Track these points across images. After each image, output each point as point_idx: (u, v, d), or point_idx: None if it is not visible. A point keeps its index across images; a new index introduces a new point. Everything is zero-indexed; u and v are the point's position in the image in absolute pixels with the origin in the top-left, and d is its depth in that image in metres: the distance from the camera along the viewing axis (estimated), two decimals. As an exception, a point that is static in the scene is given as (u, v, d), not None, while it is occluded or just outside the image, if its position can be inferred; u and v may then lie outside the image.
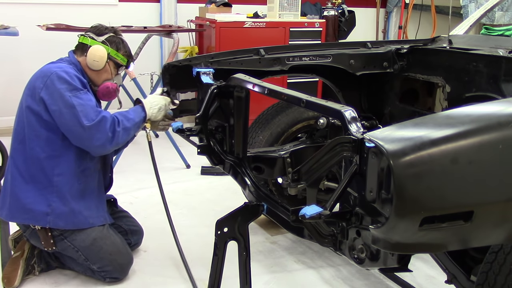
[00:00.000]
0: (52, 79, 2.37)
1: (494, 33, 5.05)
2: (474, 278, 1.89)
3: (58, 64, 2.48)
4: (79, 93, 2.38)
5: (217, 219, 2.05)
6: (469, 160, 1.33)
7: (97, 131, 2.36)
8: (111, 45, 2.58)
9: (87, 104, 2.37)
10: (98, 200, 2.58)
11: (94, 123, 2.35)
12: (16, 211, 2.44)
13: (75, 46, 2.61)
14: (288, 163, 2.41)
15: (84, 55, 2.54)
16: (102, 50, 2.53)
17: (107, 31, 2.61)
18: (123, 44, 2.64)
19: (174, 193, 3.71)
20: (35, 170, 2.41)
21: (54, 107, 2.36)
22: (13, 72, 4.98)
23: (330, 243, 1.69)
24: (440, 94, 2.78)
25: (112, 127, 2.39)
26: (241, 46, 2.92)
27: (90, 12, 5.15)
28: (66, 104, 2.34)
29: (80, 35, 2.62)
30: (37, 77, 2.44)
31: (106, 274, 2.53)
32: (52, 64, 2.49)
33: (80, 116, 2.33)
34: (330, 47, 2.85)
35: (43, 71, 2.44)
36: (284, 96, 1.88)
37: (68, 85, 2.37)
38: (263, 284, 2.59)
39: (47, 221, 2.41)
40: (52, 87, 2.36)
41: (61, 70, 2.40)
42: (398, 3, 6.75)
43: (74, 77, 2.41)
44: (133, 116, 2.49)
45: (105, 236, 2.53)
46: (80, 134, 2.36)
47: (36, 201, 2.40)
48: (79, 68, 2.54)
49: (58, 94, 2.35)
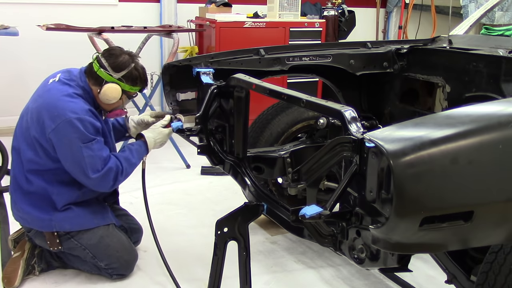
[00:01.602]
0: (65, 125, 2.27)
1: (494, 33, 5.05)
2: (474, 278, 1.89)
3: (74, 105, 2.30)
4: (91, 144, 2.31)
5: (217, 219, 2.05)
6: (469, 160, 1.33)
7: (101, 180, 2.36)
8: (127, 82, 2.44)
9: (96, 155, 2.32)
10: (101, 205, 2.63)
11: (99, 175, 2.34)
12: (24, 218, 2.49)
13: (88, 70, 2.45)
14: (288, 163, 2.41)
15: (98, 90, 2.42)
16: (117, 91, 2.42)
17: (124, 67, 2.41)
18: (140, 78, 2.49)
19: (174, 193, 3.71)
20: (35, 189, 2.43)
21: (62, 151, 2.33)
22: (13, 72, 4.98)
23: (330, 243, 1.69)
24: (440, 94, 2.78)
25: (115, 177, 2.39)
26: (241, 46, 2.92)
27: (90, 12, 5.16)
28: (75, 154, 2.30)
29: (96, 60, 2.43)
30: (49, 112, 2.30)
31: (113, 271, 2.55)
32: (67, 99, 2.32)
33: (87, 168, 2.31)
34: (330, 47, 2.85)
35: (57, 109, 2.29)
36: (284, 96, 1.88)
37: (81, 135, 2.28)
38: (263, 284, 2.59)
39: (52, 226, 2.45)
40: (63, 133, 2.28)
41: (76, 118, 2.27)
42: (398, 3, 6.75)
43: (89, 125, 2.30)
44: (135, 160, 2.47)
45: (111, 233, 2.55)
46: (82, 181, 2.38)
47: (38, 209, 2.44)
48: (91, 96, 2.44)
49: (68, 142, 2.29)
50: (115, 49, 2.50)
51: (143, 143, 2.50)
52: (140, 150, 2.49)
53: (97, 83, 2.42)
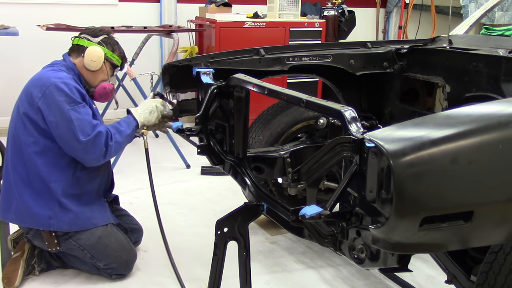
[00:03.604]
0: (51, 90, 2.36)
1: (494, 33, 5.05)
2: (474, 278, 1.89)
3: (58, 74, 2.44)
4: (78, 107, 2.38)
5: (217, 219, 2.04)
6: (469, 160, 1.33)
7: (92, 145, 2.40)
8: (107, 46, 2.60)
9: (84, 119, 2.38)
10: (99, 202, 2.61)
11: (89, 138, 2.38)
12: (23, 215, 2.47)
13: (70, 49, 2.62)
14: (288, 163, 2.41)
15: (81, 56, 2.55)
16: (99, 51, 2.56)
17: (101, 33, 2.63)
18: (117, 46, 2.67)
19: (174, 193, 3.72)
20: (33, 176, 2.42)
21: (51, 118, 2.37)
22: (13, 72, 4.97)
23: (330, 243, 1.69)
24: (440, 94, 2.78)
25: (106, 142, 2.43)
26: (241, 46, 2.92)
27: (90, 12, 5.16)
28: (64, 117, 2.35)
29: (74, 37, 2.63)
30: (35, 85, 2.42)
31: (112, 271, 2.55)
32: (50, 72, 2.46)
33: (77, 130, 2.35)
34: (330, 47, 2.85)
35: (42, 80, 2.42)
36: (284, 96, 1.88)
37: (67, 98, 2.37)
38: (263, 284, 2.59)
39: (51, 224, 2.44)
40: (51, 98, 2.36)
41: (60, 81, 2.39)
42: (398, 3, 6.75)
43: (74, 89, 2.40)
44: (124, 128, 2.53)
45: (109, 233, 2.55)
46: (75, 148, 2.39)
47: (38, 205, 2.42)
48: (76, 72, 2.55)
49: (56, 106, 2.36)
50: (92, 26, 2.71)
51: (129, 115, 2.60)
52: (127, 120, 2.57)
53: (79, 53, 2.57)
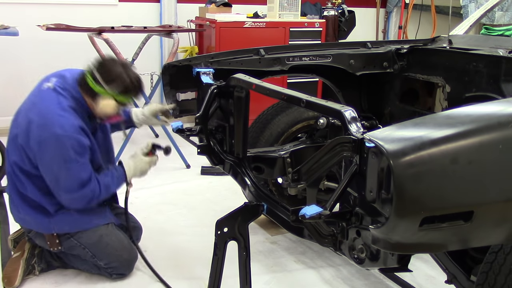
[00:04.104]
0: (50, 140, 2.27)
1: (494, 33, 5.05)
2: (474, 278, 1.89)
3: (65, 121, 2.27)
4: (71, 164, 2.30)
5: (217, 219, 2.05)
6: (469, 160, 1.33)
7: (71, 202, 2.41)
8: (120, 93, 2.37)
9: (73, 177, 2.32)
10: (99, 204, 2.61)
11: (71, 197, 2.37)
12: (25, 219, 2.50)
13: (81, 81, 2.38)
14: (288, 163, 2.41)
15: (93, 103, 2.39)
16: (113, 106, 2.38)
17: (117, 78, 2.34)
18: (134, 88, 2.41)
19: (174, 193, 3.71)
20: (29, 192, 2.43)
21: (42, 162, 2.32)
22: (13, 72, 4.98)
23: (330, 243, 1.69)
24: (440, 94, 2.78)
25: (88, 201, 2.42)
26: (241, 46, 2.92)
27: (90, 12, 5.16)
28: (54, 170, 2.33)
29: (88, 72, 2.36)
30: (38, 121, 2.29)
31: (112, 270, 2.55)
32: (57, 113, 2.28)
33: (61, 187, 2.35)
34: (330, 47, 2.85)
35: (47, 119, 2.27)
36: (284, 96, 1.88)
37: (63, 153, 2.28)
38: (263, 284, 2.59)
39: (52, 228, 2.46)
40: (47, 146, 2.28)
41: (63, 135, 2.26)
42: (398, 3, 6.75)
43: (75, 143, 2.29)
44: (114, 187, 2.55)
45: (110, 232, 2.56)
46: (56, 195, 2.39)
47: (37, 212, 2.44)
48: (85, 107, 2.40)
49: (50, 157, 2.30)
50: (108, 61, 2.43)
51: (122, 172, 2.56)
52: (120, 178, 2.56)
53: (91, 96, 2.38)
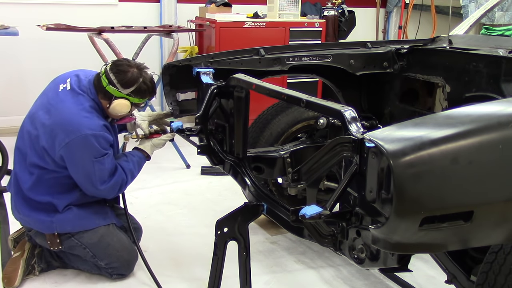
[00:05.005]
0: (80, 140, 2.29)
1: (494, 33, 5.05)
2: (474, 278, 1.89)
3: (90, 122, 2.32)
4: (102, 158, 2.35)
5: (217, 219, 2.05)
6: (469, 160, 1.33)
7: (109, 191, 2.45)
8: (136, 96, 2.43)
9: (105, 169, 2.38)
10: (101, 204, 2.63)
11: (107, 186, 2.41)
12: (26, 218, 2.50)
13: (97, 83, 2.42)
14: (288, 163, 2.41)
15: (107, 104, 2.42)
16: (127, 106, 2.42)
17: (134, 81, 2.40)
18: (148, 90, 2.47)
19: (174, 193, 3.72)
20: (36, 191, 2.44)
21: (72, 164, 2.36)
22: (13, 72, 4.98)
23: (330, 243, 1.69)
24: (440, 94, 2.78)
25: (120, 188, 2.47)
26: (241, 46, 2.92)
27: (90, 12, 5.16)
28: (86, 168, 2.35)
29: (103, 73, 2.40)
30: (63, 126, 2.30)
31: (113, 270, 2.55)
32: (82, 115, 2.33)
33: (97, 180, 2.37)
34: (330, 47, 2.85)
35: (72, 125, 2.30)
36: (284, 96, 1.88)
37: (94, 151, 2.32)
38: (263, 284, 2.59)
39: (54, 227, 2.47)
40: (77, 147, 2.31)
41: (91, 134, 2.30)
42: (398, 3, 6.75)
43: (102, 140, 2.34)
44: (137, 172, 2.57)
45: (111, 233, 2.56)
46: (89, 191, 2.44)
47: (39, 212, 2.45)
48: (100, 107, 2.44)
49: (80, 157, 2.33)
50: (123, 64, 2.44)
51: (142, 155, 2.58)
52: (140, 161, 2.58)
53: (106, 98, 2.42)
